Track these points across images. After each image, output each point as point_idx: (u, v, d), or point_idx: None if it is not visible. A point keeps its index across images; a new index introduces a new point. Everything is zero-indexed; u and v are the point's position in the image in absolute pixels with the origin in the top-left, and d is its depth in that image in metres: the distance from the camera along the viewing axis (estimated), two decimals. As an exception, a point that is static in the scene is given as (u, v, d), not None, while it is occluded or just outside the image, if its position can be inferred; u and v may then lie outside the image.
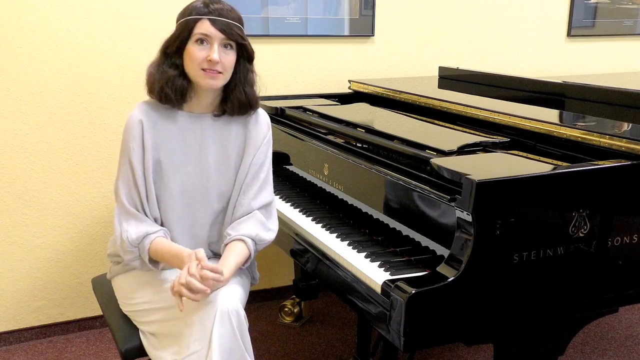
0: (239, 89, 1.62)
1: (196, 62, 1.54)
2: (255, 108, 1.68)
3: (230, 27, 1.54)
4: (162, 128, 1.62)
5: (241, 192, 1.68)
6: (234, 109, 1.64)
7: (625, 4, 3.39)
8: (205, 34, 1.53)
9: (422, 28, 2.98)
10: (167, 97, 1.58)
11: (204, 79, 1.56)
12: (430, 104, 2.16)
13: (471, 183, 1.27)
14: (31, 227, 2.49)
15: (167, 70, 1.57)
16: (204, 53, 1.54)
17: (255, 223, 1.66)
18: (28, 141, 2.41)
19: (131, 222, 1.58)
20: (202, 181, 1.66)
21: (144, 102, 1.65)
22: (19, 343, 2.56)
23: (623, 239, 1.46)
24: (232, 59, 1.58)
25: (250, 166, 1.67)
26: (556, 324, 1.50)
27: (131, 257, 1.60)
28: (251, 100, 1.65)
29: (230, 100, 1.63)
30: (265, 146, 1.71)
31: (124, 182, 1.60)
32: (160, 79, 1.58)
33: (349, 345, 2.53)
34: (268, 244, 1.70)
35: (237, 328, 1.47)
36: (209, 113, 1.67)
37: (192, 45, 1.55)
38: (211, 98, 1.64)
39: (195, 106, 1.65)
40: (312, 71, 2.80)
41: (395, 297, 1.29)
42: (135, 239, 1.57)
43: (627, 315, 2.81)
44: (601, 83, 2.29)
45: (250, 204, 1.67)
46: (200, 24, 1.53)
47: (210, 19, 1.53)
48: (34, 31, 2.33)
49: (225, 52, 1.56)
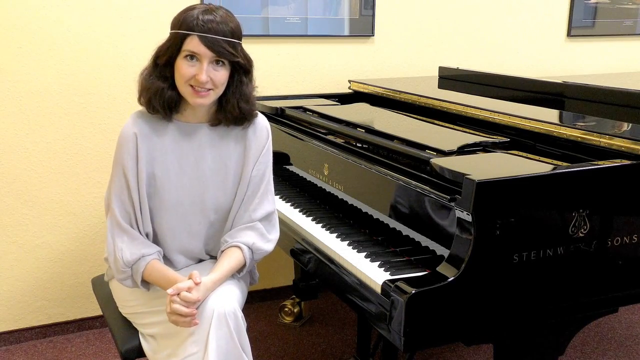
0: (232, 104, 1.56)
1: (184, 79, 1.49)
2: (251, 120, 1.63)
3: (221, 44, 1.46)
4: (157, 140, 1.57)
5: (242, 204, 1.64)
6: (228, 122, 1.60)
7: (625, 4, 3.39)
8: (194, 52, 1.47)
9: (422, 28, 2.98)
10: (154, 109, 1.54)
11: (192, 97, 1.51)
12: (430, 104, 2.16)
13: (471, 183, 1.27)
14: (31, 227, 2.49)
15: (156, 82, 1.52)
16: (193, 70, 1.48)
17: (255, 233, 1.63)
18: (28, 141, 2.41)
19: (124, 239, 1.55)
20: (198, 193, 1.61)
21: (138, 112, 1.60)
22: (19, 343, 2.56)
23: (623, 239, 1.46)
24: (224, 74, 1.52)
25: (251, 178, 1.64)
26: (556, 324, 1.50)
27: (123, 277, 1.57)
28: (246, 114, 1.59)
29: (224, 113, 1.59)
30: (265, 156, 1.67)
31: (117, 196, 1.56)
32: (149, 90, 1.53)
33: (349, 345, 2.53)
34: (266, 254, 1.67)
35: (234, 329, 1.47)
36: (205, 123, 1.62)
37: (181, 60, 1.49)
38: (206, 109, 1.59)
39: (191, 116, 1.60)
40: (312, 71, 2.80)
41: (395, 297, 1.29)
42: (130, 260, 1.53)
43: (627, 315, 2.81)
44: (601, 83, 2.29)
45: (251, 216, 1.64)
46: (190, 40, 1.47)
47: (200, 36, 1.45)
48: (34, 31, 2.33)
49: (216, 68, 1.50)
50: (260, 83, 1.68)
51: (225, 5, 1.61)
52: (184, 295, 1.43)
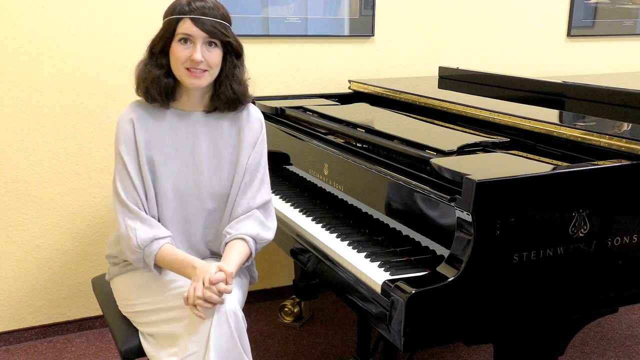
0: (225, 85, 1.62)
1: (180, 62, 1.54)
2: (244, 103, 1.67)
3: (213, 25, 1.53)
4: (154, 126, 1.62)
5: (240, 192, 1.67)
6: (222, 105, 1.64)
7: (625, 4, 3.39)
8: (188, 34, 1.53)
9: (422, 28, 2.98)
10: (152, 98, 1.59)
11: (188, 78, 1.56)
12: (430, 104, 2.16)
13: (471, 183, 1.27)
14: (31, 227, 2.49)
15: (152, 70, 1.58)
16: (187, 52, 1.54)
17: (255, 222, 1.66)
18: (28, 141, 2.42)
19: (136, 221, 1.57)
20: (194, 180, 1.65)
21: (135, 101, 1.65)
22: (19, 343, 2.56)
23: (623, 239, 1.46)
24: (217, 56, 1.58)
25: (247, 166, 1.67)
26: (556, 324, 1.50)
27: (136, 258, 1.58)
28: (239, 96, 1.64)
29: (218, 96, 1.63)
30: (261, 145, 1.71)
31: (121, 182, 1.60)
32: (146, 79, 1.58)
33: (349, 345, 2.53)
34: (267, 243, 1.70)
35: (235, 329, 1.47)
36: (200, 110, 1.67)
37: (175, 44, 1.55)
38: (200, 95, 1.64)
39: (186, 104, 1.65)
40: (312, 71, 2.80)
41: (395, 297, 1.29)
42: (144, 239, 1.55)
43: (627, 315, 2.81)
44: (601, 83, 2.29)
45: (250, 203, 1.67)
46: (182, 23, 1.53)
47: (192, 18, 1.52)
48: (34, 31, 2.33)
49: (210, 50, 1.56)
50: (260, 83, 1.69)
51: (225, 5, 1.62)
52: (221, 286, 1.43)
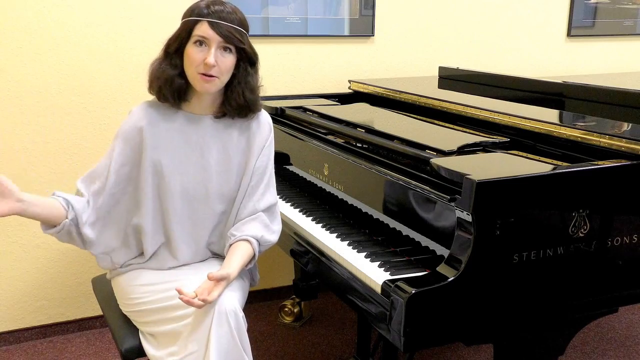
0: (237, 92, 1.61)
1: (194, 65, 1.54)
2: (254, 112, 1.67)
3: (229, 30, 1.53)
4: (164, 128, 1.63)
5: (246, 195, 1.67)
6: (232, 111, 1.64)
7: (625, 4, 3.39)
8: (203, 36, 1.53)
9: (422, 28, 2.98)
10: (164, 97, 1.60)
11: (199, 82, 1.55)
12: (430, 104, 2.16)
13: (471, 183, 1.27)
14: (31, 227, 2.49)
15: (167, 70, 1.58)
16: (202, 55, 1.53)
17: (260, 225, 1.66)
18: (28, 141, 2.41)
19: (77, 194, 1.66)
20: (202, 182, 1.65)
21: (147, 102, 1.66)
22: (19, 343, 2.56)
23: (623, 239, 1.46)
24: (230, 62, 1.57)
25: (255, 169, 1.67)
26: (556, 324, 1.50)
27: None
28: (250, 104, 1.63)
29: (229, 102, 1.63)
30: (268, 148, 1.71)
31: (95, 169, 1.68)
32: (160, 78, 1.59)
33: (349, 345, 2.53)
34: (271, 246, 1.70)
35: (235, 328, 1.47)
36: (210, 114, 1.66)
37: (190, 46, 1.55)
38: (211, 99, 1.64)
39: (197, 107, 1.65)
40: (312, 71, 2.80)
41: (395, 297, 1.29)
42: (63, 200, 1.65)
43: (627, 315, 2.81)
44: (601, 83, 2.29)
45: (255, 206, 1.67)
46: (199, 26, 1.53)
47: (210, 22, 1.52)
48: (34, 31, 2.33)
49: (224, 55, 1.55)
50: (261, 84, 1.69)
51: (225, 5, 1.63)
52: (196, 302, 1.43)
